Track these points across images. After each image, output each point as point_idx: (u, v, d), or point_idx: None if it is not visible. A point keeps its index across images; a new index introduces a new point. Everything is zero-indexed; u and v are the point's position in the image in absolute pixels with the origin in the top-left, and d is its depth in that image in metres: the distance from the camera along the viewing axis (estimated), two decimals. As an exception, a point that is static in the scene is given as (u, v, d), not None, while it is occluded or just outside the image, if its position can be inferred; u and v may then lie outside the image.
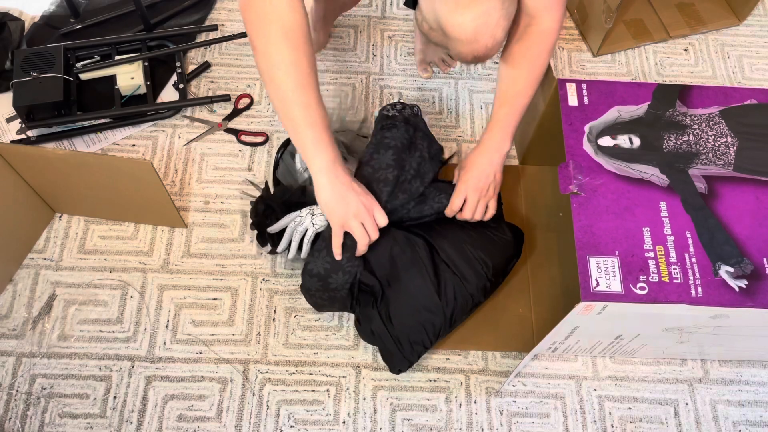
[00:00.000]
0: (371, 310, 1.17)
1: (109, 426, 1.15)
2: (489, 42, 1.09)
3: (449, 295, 1.15)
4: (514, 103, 1.19)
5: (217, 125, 1.48)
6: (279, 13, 0.99)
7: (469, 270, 1.17)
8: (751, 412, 1.20)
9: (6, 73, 1.52)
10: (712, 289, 1.00)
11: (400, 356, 1.16)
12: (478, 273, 1.17)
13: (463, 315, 1.20)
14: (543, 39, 1.17)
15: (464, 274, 1.16)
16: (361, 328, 1.20)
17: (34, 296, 1.26)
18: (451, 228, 1.20)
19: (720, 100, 1.20)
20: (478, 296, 1.19)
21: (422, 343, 1.16)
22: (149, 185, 1.20)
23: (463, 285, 1.16)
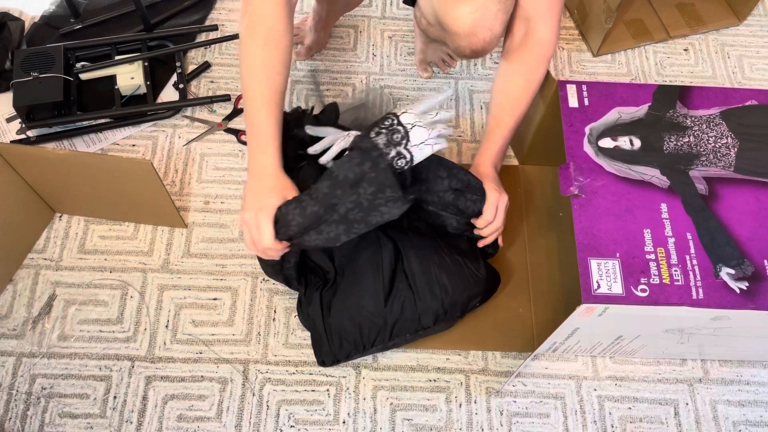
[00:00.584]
0: (315, 292, 1.15)
1: (109, 426, 1.15)
2: (487, 35, 1.09)
3: (396, 306, 1.12)
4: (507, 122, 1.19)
5: (217, 125, 1.48)
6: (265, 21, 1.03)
7: (426, 289, 1.13)
8: (751, 412, 1.20)
9: (6, 73, 1.51)
10: (713, 290, 1.00)
11: (327, 348, 1.15)
12: (434, 295, 1.13)
13: (406, 333, 1.15)
14: (539, 50, 1.16)
15: (419, 291, 1.12)
16: (300, 309, 1.19)
17: (34, 296, 1.26)
18: (427, 243, 1.16)
19: (720, 101, 1.20)
20: (427, 320, 1.14)
21: (353, 343, 1.14)
22: (149, 185, 1.20)
23: (415, 302, 1.13)
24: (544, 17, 1.15)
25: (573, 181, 1.10)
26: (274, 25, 1.04)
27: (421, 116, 1.01)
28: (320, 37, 1.58)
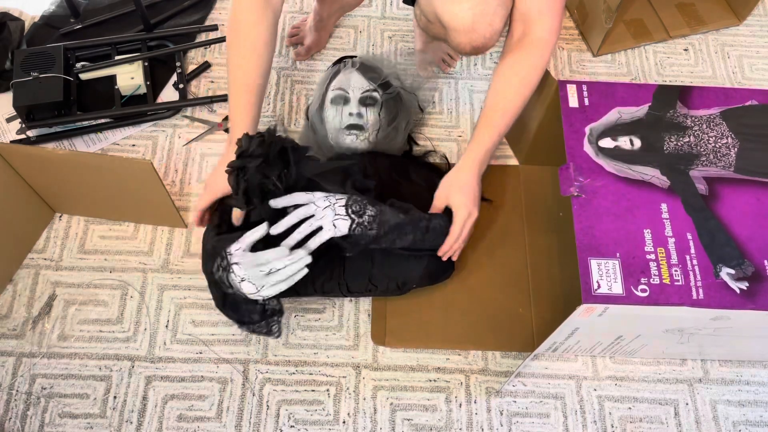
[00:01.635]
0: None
1: (109, 426, 1.15)
2: (487, 31, 1.10)
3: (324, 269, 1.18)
4: (498, 123, 1.18)
5: (217, 125, 1.48)
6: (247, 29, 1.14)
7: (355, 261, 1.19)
8: (751, 412, 1.20)
9: (6, 73, 1.51)
10: (713, 290, 1.00)
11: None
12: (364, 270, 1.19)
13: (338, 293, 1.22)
14: (535, 51, 1.15)
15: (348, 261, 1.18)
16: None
17: (34, 296, 1.26)
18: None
19: (720, 101, 1.20)
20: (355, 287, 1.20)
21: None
22: (149, 185, 1.20)
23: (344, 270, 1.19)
24: (542, 17, 1.14)
25: (573, 181, 1.10)
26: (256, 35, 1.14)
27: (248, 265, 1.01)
28: (320, 37, 1.58)
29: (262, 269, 1.00)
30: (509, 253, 1.33)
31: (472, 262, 1.31)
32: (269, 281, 1.00)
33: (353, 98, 1.30)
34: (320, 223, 1.04)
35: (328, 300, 1.28)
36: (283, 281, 1.01)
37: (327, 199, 1.05)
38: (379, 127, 1.29)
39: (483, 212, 1.36)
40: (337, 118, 1.29)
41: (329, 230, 1.04)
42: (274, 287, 1.01)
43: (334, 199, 1.05)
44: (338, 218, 1.04)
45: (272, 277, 1.00)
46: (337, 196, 1.05)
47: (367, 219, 1.05)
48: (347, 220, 1.04)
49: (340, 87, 1.31)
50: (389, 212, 1.08)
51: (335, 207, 1.05)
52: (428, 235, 1.12)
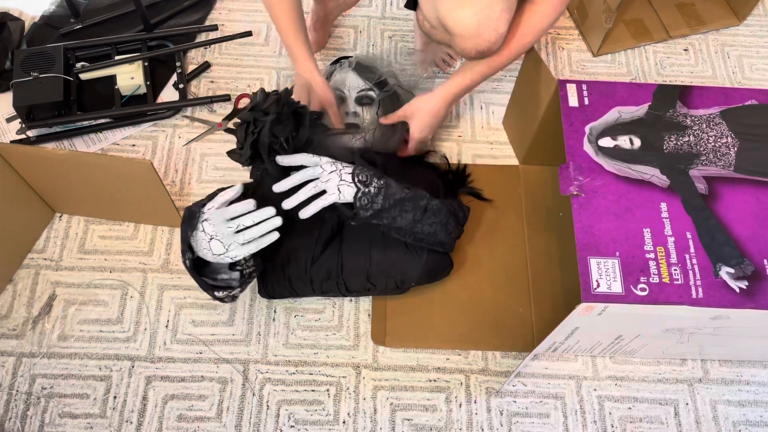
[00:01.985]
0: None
1: (109, 426, 1.15)
2: (492, 36, 1.09)
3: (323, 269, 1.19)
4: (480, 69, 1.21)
5: (217, 125, 1.48)
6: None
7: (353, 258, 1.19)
8: (751, 412, 1.20)
9: (6, 73, 1.52)
10: (712, 290, 1.00)
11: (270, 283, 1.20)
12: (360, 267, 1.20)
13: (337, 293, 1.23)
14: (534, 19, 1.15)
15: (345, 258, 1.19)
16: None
17: (34, 296, 1.26)
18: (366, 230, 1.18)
19: (720, 100, 1.20)
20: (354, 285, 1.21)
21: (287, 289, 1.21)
22: (149, 185, 1.20)
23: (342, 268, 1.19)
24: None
25: (573, 181, 1.10)
26: None
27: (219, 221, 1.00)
28: (320, 36, 1.58)
29: (230, 225, 0.98)
30: (509, 252, 1.33)
31: (472, 262, 1.31)
32: (237, 240, 0.99)
33: (349, 98, 1.31)
34: (325, 186, 1.02)
35: (328, 300, 1.28)
36: (251, 242, 0.99)
37: (334, 164, 1.03)
38: (375, 126, 1.29)
39: (483, 212, 1.36)
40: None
41: (333, 194, 1.02)
42: (243, 247, 0.99)
43: (341, 165, 1.04)
44: (344, 184, 1.02)
45: (240, 235, 0.98)
46: (344, 163, 1.04)
47: (374, 189, 1.04)
48: (353, 187, 1.03)
49: (336, 87, 1.32)
50: (394, 186, 1.06)
51: (342, 173, 1.03)
52: (426, 214, 1.11)
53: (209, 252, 1.00)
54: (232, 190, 1.01)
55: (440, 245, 1.18)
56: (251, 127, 1.01)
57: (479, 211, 1.37)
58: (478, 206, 1.37)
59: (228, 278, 1.09)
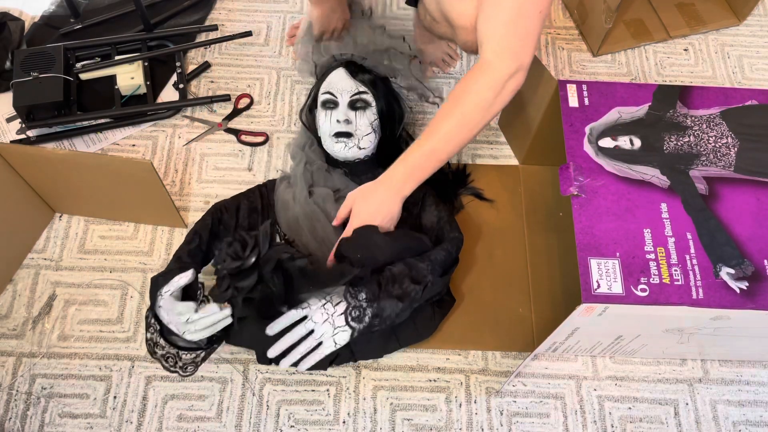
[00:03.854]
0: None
1: (109, 426, 1.15)
2: None
3: None
4: (430, 150, 1.09)
5: (217, 125, 1.48)
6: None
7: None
8: (751, 412, 1.20)
9: (6, 73, 1.52)
10: (713, 290, 1.00)
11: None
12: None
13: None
14: (478, 77, 1.07)
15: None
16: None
17: (34, 296, 1.26)
18: None
19: (720, 100, 1.20)
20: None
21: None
22: (149, 185, 1.20)
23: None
24: (492, 39, 1.07)
25: (573, 181, 1.10)
26: None
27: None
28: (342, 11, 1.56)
29: (181, 318, 1.00)
30: (509, 253, 1.33)
31: (472, 262, 1.31)
32: (189, 329, 1.00)
33: (341, 103, 1.26)
34: (320, 340, 1.01)
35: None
36: (202, 330, 1.01)
37: (324, 311, 1.01)
38: (370, 132, 1.26)
39: (483, 212, 1.36)
40: (326, 123, 1.26)
41: (329, 346, 1.01)
42: (196, 334, 1.01)
43: (331, 308, 1.01)
44: (338, 331, 1.01)
45: (191, 326, 1.00)
46: (334, 301, 1.01)
47: (368, 321, 1.02)
48: (347, 330, 1.01)
49: (328, 90, 1.27)
50: (388, 307, 1.03)
51: (333, 319, 1.00)
52: (424, 293, 1.08)
53: (169, 329, 1.03)
54: (185, 277, 1.02)
55: (438, 295, 1.17)
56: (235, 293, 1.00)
57: (479, 211, 1.37)
58: (478, 206, 1.37)
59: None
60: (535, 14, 1.04)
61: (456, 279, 1.28)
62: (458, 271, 1.27)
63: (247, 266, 0.99)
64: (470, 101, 1.08)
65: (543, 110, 1.27)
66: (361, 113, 1.26)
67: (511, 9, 1.04)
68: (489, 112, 1.09)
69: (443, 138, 1.09)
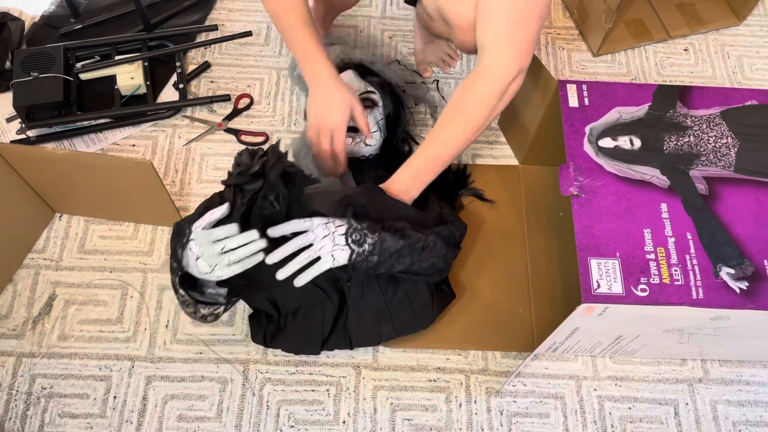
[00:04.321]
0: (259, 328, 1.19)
1: (109, 426, 1.15)
2: None
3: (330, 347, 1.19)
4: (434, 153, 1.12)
5: (217, 125, 1.48)
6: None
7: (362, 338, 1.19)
8: (751, 412, 1.20)
9: (6, 73, 1.51)
10: (713, 290, 1.00)
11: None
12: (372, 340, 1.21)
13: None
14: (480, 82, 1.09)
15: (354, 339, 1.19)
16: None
17: (34, 296, 1.26)
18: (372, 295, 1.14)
19: (720, 100, 1.20)
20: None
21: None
22: (149, 185, 1.20)
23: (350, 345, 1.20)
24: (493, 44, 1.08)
25: (573, 181, 1.10)
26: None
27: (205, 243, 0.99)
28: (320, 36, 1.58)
29: (215, 247, 0.97)
30: (509, 253, 1.33)
31: (472, 262, 1.31)
32: (223, 261, 0.97)
33: None
34: (318, 253, 1.00)
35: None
36: (236, 263, 0.98)
37: (326, 227, 1.00)
38: (376, 130, 1.28)
39: (483, 212, 1.37)
40: None
41: (327, 261, 1.00)
42: (229, 268, 0.98)
43: (333, 226, 1.01)
44: (337, 248, 1.00)
45: (226, 257, 0.98)
46: (336, 223, 1.01)
47: (368, 248, 1.01)
48: (346, 250, 1.00)
49: None
50: (389, 239, 1.03)
51: (334, 236, 1.00)
52: (423, 253, 1.07)
53: (196, 270, 0.99)
54: (219, 210, 1.00)
55: (438, 273, 1.14)
56: (239, 195, 1.00)
57: (479, 211, 1.37)
58: (478, 206, 1.37)
59: (215, 293, 1.08)
60: (534, 18, 1.06)
61: (456, 278, 1.28)
62: (458, 270, 1.28)
63: (253, 171, 1.00)
64: (473, 106, 1.10)
65: (543, 110, 1.27)
66: (368, 111, 1.28)
67: (511, 14, 1.06)
68: (491, 115, 1.12)
69: (447, 142, 1.12)
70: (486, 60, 1.09)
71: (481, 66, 1.10)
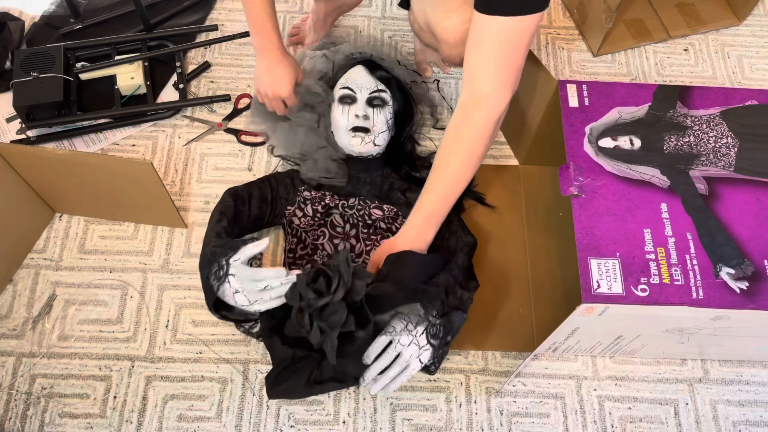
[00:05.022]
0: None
1: (109, 426, 1.15)
2: None
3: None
4: (443, 191, 1.12)
5: (217, 125, 1.48)
6: None
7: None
8: (751, 412, 1.20)
9: (6, 73, 1.51)
10: (713, 290, 1.00)
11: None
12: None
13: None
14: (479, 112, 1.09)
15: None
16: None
17: (34, 296, 1.26)
18: None
19: (720, 100, 1.20)
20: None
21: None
22: (149, 185, 1.20)
23: None
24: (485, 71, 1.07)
25: (573, 181, 1.10)
26: None
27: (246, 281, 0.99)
28: (320, 36, 1.58)
29: (258, 285, 0.99)
30: (509, 252, 1.33)
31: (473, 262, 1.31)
32: (263, 297, 0.99)
33: (360, 99, 1.28)
34: (407, 361, 1.00)
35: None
36: (276, 298, 0.99)
37: (408, 333, 1.00)
38: (386, 129, 1.28)
39: (483, 212, 1.36)
40: (344, 118, 1.28)
41: (417, 367, 1.01)
42: (268, 303, 0.99)
43: (413, 328, 1.00)
44: (423, 351, 1.01)
45: (267, 293, 0.99)
46: (413, 320, 1.01)
47: (441, 337, 1.02)
48: (429, 349, 1.01)
49: (347, 86, 1.29)
50: (456, 318, 1.04)
51: (418, 339, 1.00)
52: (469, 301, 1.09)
53: (232, 301, 1.00)
54: (261, 245, 1.00)
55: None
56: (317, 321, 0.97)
57: (480, 211, 1.36)
58: (478, 206, 1.37)
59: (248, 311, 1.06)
60: (522, 46, 1.06)
61: (456, 279, 1.28)
62: (458, 271, 1.27)
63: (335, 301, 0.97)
64: (472, 137, 1.10)
65: (543, 110, 1.27)
66: (379, 110, 1.28)
67: (500, 43, 1.05)
68: (491, 142, 1.13)
69: (453, 177, 1.12)
70: (480, 89, 1.08)
71: (474, 95, 1.09)
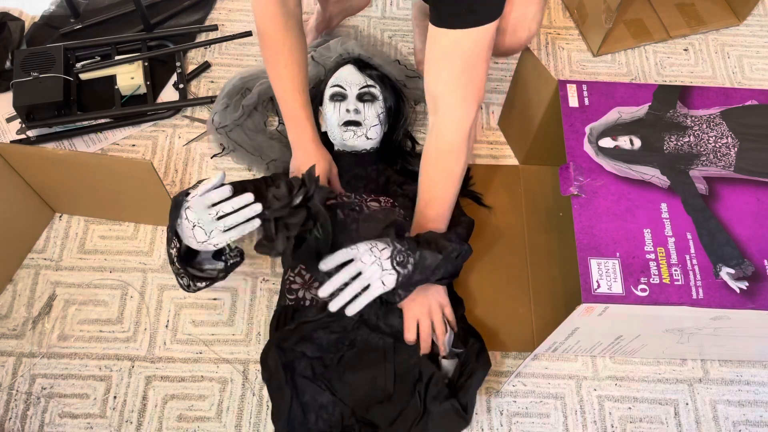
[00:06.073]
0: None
1: (109, 426, 1.15)
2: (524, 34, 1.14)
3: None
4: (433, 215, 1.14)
5: (217, 125, 1.48)
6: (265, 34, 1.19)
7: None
8: (751, 412, 1.20)
9: (6, 73, 1.51)
10: (713, 290, 1.00)
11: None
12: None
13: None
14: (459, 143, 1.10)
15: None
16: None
17: (34, 296, 1.26)
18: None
19: (720, 100, 1.20)
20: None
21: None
22: (149, 185, 1.20)
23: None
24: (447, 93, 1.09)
25: (573, 181, 1.10)
26: (273, 35, 1.18)
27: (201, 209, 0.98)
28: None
29: (211, 212, 0.97)
30: (509, 253, 1.33)
31: (472, 262, 1.30)
32: (218, 226, 0.97)
33: (350, 95, 1.30)
34: (369, 281, 0.99)
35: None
36: (232, 228, 0.98)
37: (371, 253, 1.00)
38: (377, 123, 1.29)
39: (483, 212, 1.36)
40: (335, 114, 1.29)
41: (378, 288, 1.00)
42: (225, 234, 0.98)
43: (378, 251, 1.00)
44: (385, 273, 1.00)
45: (221, 222, 0.97)
46: (380, 246, 1.01)
47: (410, 268, 1.02)
48: (393, 274, 1.00)
49: (337, 84, 1.31)
50: (429, 256, 1.03)
51: (381, 261, 1.00)
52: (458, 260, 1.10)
53: (193, 239, 0.99)
54: (214, 178, 0.99)
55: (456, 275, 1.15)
56: (282, 229, 1.00)
57: (479, 211, 1.36)
58: (478, 206, 1.37)
59: (212, 268, 1.08)
60: (481, 62, 1.06)
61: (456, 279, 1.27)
62: (458, 271, 1.27)
63: (294, 205, 1.00)
64: (449, 157, 1.12)
65: (543, 110, 1.27)
66: (369, 105, 1.30)
67: (459, 63, 1.05)
68: (468, 155, 1.14)
69: (440, 198, 1.14)
70: (445, 109, 1.09)
71: (441, 117, 1.10)
